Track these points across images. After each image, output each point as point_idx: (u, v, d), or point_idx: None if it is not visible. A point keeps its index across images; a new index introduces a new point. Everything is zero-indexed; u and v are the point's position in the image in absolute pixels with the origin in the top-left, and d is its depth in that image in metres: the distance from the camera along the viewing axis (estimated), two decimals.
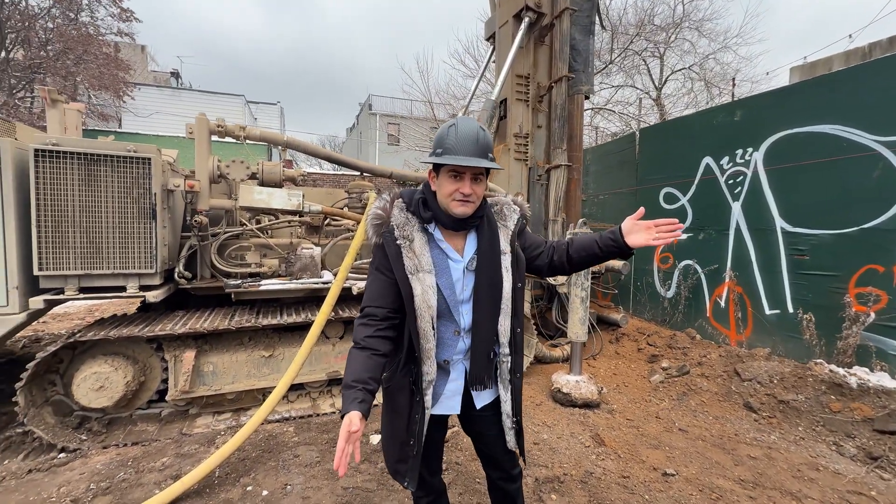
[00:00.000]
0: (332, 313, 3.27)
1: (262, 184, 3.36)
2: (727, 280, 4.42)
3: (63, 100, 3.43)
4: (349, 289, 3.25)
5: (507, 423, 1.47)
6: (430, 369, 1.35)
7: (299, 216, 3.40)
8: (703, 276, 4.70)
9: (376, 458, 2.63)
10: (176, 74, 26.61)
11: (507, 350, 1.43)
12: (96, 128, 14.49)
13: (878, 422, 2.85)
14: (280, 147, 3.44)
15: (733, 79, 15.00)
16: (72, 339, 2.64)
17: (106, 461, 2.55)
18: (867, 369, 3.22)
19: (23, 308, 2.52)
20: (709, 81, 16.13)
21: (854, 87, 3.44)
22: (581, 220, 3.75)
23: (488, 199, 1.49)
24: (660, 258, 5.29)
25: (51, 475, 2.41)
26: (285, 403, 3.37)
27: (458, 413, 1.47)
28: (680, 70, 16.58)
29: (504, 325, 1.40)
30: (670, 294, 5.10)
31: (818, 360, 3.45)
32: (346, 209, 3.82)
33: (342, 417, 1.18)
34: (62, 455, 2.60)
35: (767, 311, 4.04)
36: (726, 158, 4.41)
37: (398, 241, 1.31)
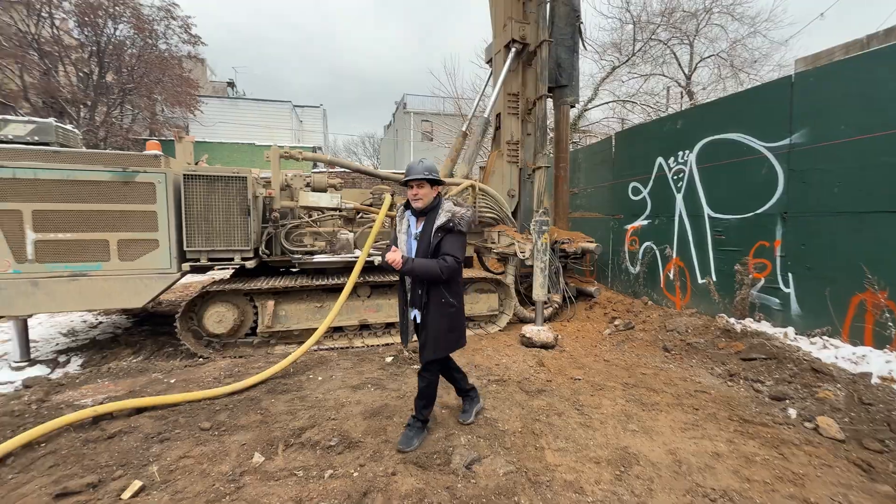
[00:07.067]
0: (360, 278, 4.76)
1: (314, 190, 4.89)
2: (674, 257, 5.48)
3: (184, 136, 5.12)
4: (371, 261, 4.71)
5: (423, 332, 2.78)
6: (408, 282, 2.72)
7: (339, 211, 4.90)
8: (658, 255, 5.78)
9: (389, 368, 4.09)
10: (231, 84, 29.53)
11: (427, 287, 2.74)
12: (172, 138, 16.99)
13: (743, 352, 3.95)
14: (325, 164, 4.95)
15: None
16: (203, 291, 4.30)
17: (226, 363, 4.19)
18: (752, 319, 4.28)
19: (178, 270, 4.19)
20: (737, 67, 16.14)
21: (751, 103, 4.43)
22: (542, 210, 5.00)
23: (444, 205, 2.81)
24: (629, 241, 6.37)
25: (197, 368, 4.08)
26: (330, 339, 4.92)
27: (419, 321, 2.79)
28: (709, 56, 16.64)
29: None
30: (635, 270, 6.20)
31: (721, 314, 4.52)
32: (372, 206, 5.30)
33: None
34: (200, 359, 4.28)
35: (699, 281, 5.10)
36: (672, 158, 5.45)
37: (398, 217, 2.77)
